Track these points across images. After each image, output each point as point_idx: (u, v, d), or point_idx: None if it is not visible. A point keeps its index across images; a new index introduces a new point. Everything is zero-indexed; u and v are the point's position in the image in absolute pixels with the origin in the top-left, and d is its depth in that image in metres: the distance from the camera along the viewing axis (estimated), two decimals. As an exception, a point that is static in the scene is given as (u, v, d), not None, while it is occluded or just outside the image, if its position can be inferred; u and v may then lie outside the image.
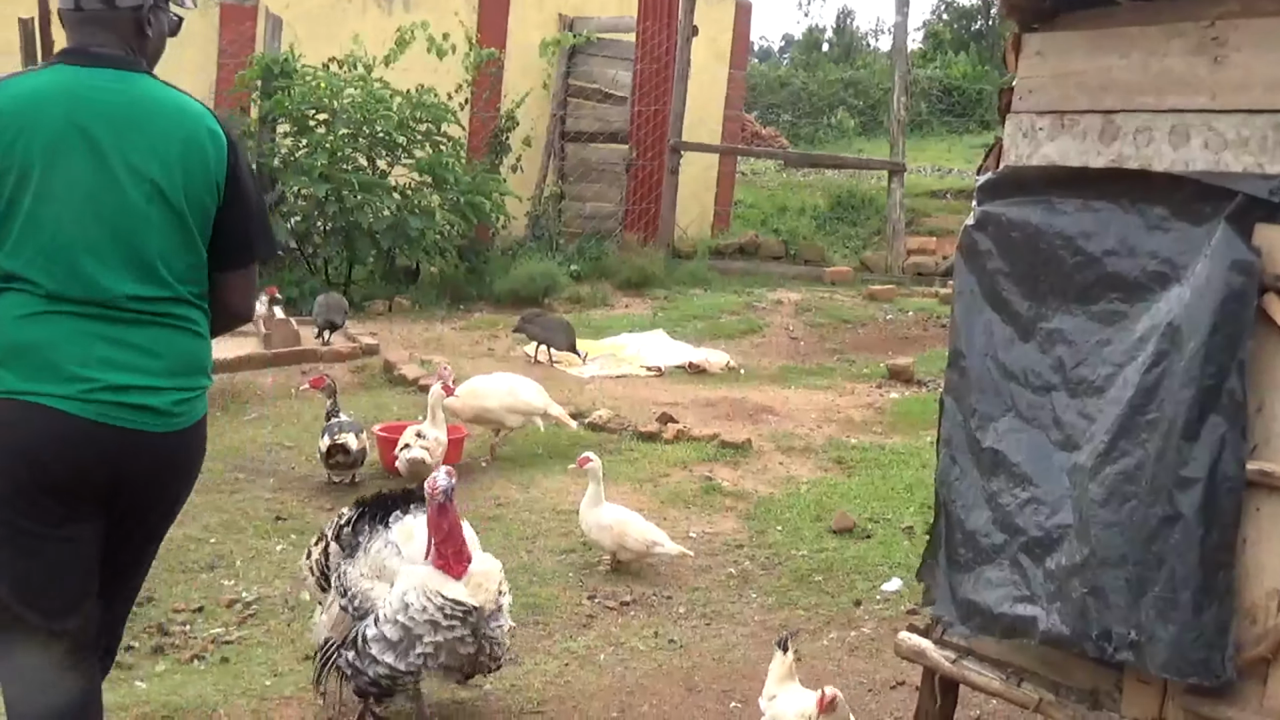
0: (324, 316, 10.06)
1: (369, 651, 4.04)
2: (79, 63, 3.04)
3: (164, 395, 3.03)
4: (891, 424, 8.80)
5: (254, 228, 3.23)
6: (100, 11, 3.07)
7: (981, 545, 3.42)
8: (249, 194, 3.19)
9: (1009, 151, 3.59)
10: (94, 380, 2.92)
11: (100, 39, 3.08)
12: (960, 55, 33.76)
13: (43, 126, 2.93)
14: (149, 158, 3.00)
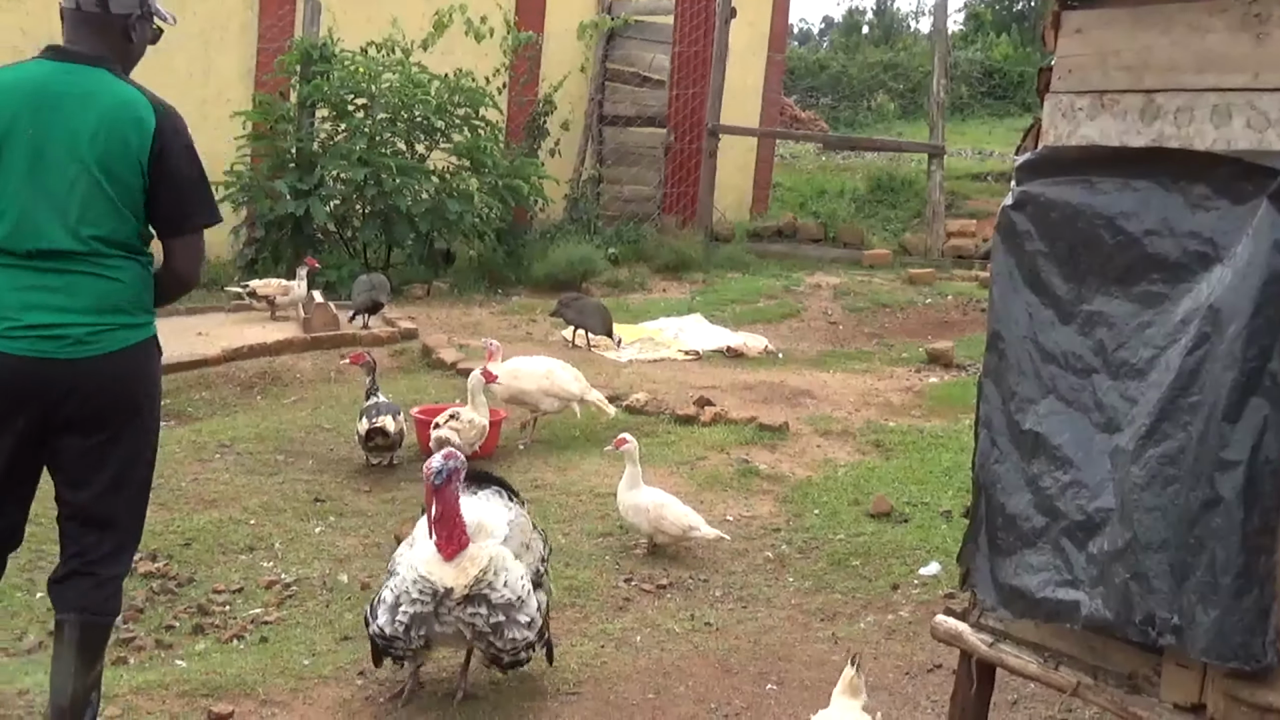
0: (368, 295, 10.11)
1: (375, 607, 4.28)
2: (53, 58, 3.69)
3: (79, 328, 3.60)
4: (930, 408, 8.76)
5: (186, 200, 3.74)
6: (96, 14, 3.66)
7: (1022, 529, 3.39)
8: (177, 171, 3.69)
9: (1048, 132, 3.55)
10: (17, 320, 3.56)
11: (85, 38, 3.68)
12: (1002, 37, 33.52)
13: (6, 111, 3.58)
14: (79, 140, 3.58)
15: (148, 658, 4.83)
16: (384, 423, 6.97)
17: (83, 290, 3.62)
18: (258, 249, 12.18)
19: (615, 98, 16.45)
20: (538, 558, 4.54)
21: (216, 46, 13.49)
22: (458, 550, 4.16)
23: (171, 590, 5.41)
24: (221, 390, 8.81)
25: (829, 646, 5.09)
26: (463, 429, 6.95)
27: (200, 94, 13.28)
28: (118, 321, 3.68)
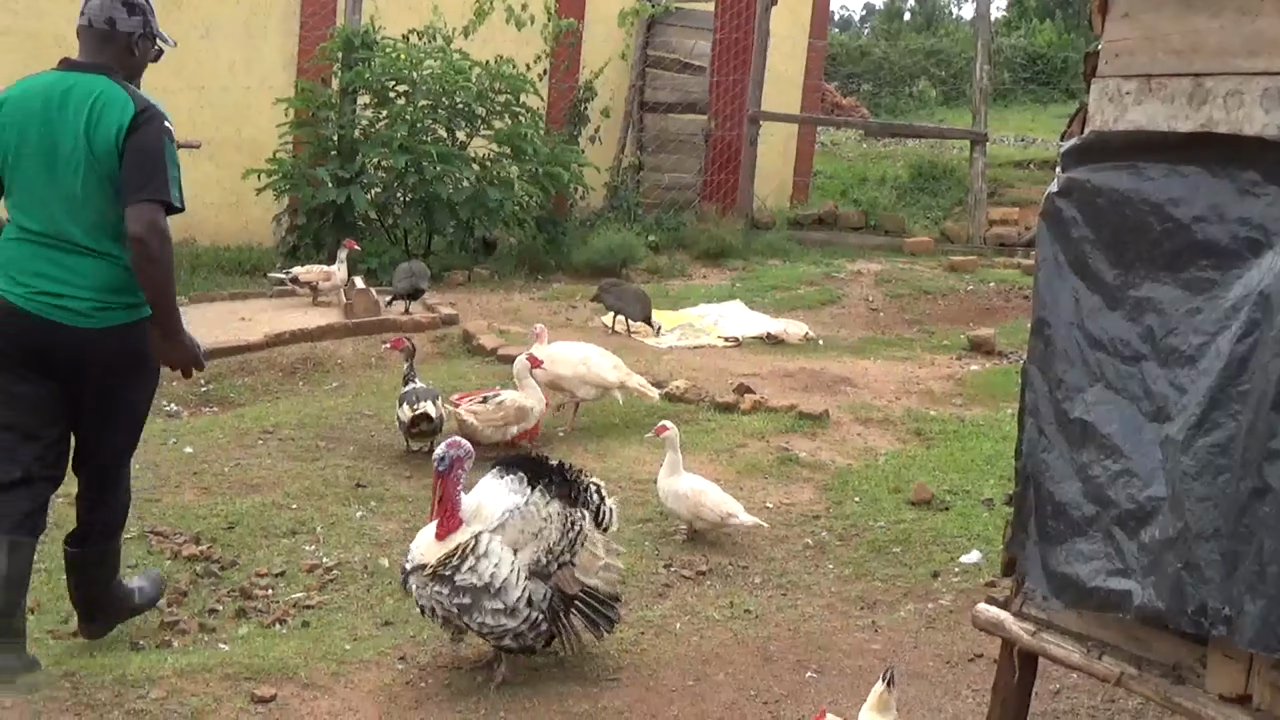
0: (409, 282, 10.14)
1: None
2: (65, 68, 4.35)
3: (83, 303, 4.23)
4: (972, 396, 8.70)
5: (140, 172, 4.19)
6: (105, 30, 4.35)
7: (1072, 517, 3.36)
8: (139, 147, 4.19)
9: (1094, 116, 3.51)
10: (34, 286, 4.22)
11: (94, 51, 4.36)
12: (1045, 23, 33.22)
13: (24, 112, 4.25)
14: (80, 136, 4.20)
15: (191, 641, 4.87)
16: (426, 408, 7.00)
17: (87, 271, 4.25)
18: (299, 236, 12.24)
19: (656, 84, 16.43)
20: (545, 549, 4.46)
21: (259, 34, 13.56)
22: (448, 532, 4.37)
23: (215, 574, 5.46)
24: (263, 376, 8.87)
25: (869, 635, 5.07)
26: (482, 412, 7.01)
27: (244, 81, 13.38)
28: (119, 300, 4.30)
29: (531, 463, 4.77)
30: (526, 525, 4.46)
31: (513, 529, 4.43)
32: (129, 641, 4.83)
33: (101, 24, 4.36)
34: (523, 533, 4.44)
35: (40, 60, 12.31)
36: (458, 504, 4.41)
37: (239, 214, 13.24)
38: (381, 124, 12.41)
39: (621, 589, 4.93)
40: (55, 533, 5.70)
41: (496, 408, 7.06)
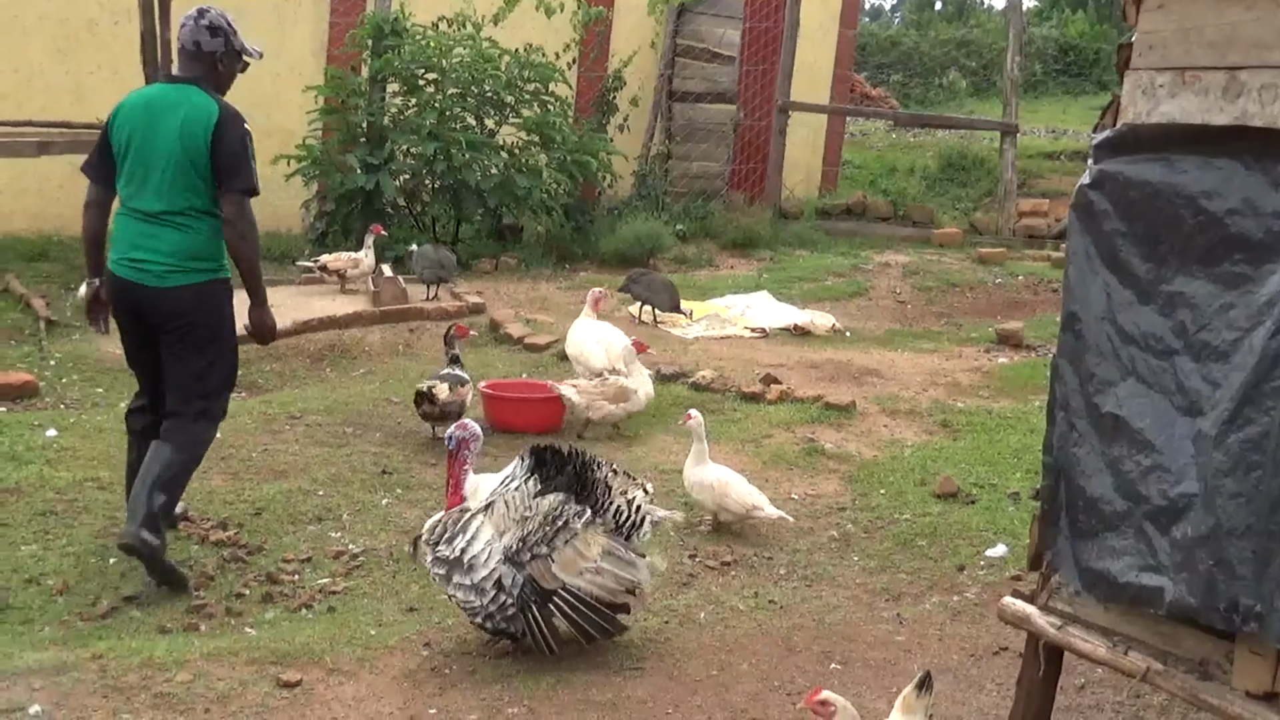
0: (433, 271, 10.17)
1: None
2: (165, 80, 5.69)
3: (158, 266, 5.21)
4: (999, 388, 8.66)
5: (228, 168, 5.18)
6: (194, 51, 5.31)
7: (1104, 512, 3.34)
8: (225, 148, 5.16)
9: (1127, 109, 3.48)
10: (126, 254, 5.24)
11: (187, 67, 5.35)
12: (1078, 14, 33.00)
13: (134, 115, 5.25)
14: (171, 135, 5.16)
15: (218, 625, 4.90)
16: (434, 387, 6.96)
17: (165, 240, 5.20)
18: (328, 222, 12.27)
19: (685, 73, 16.37)
20: (520, 536, 4.48)
21: (290, 21, 13.58)
22: (450, 508, 4.71)
23: (242, 559, 5.48)
24: (291, 362, 8.90)
25: (893, 627, 5.06)
26: (584, 388, 7.30)
27: (273, 68, 13.33)
28: (190, 265, 5.23)
29: (544, 451, 4.69)
30: (510, 511, 4.52)
31: (498, 512, 4.53)
32: (156, 625, 4.86)
33: (190, 46, 5.30)
34: (505, 517, 4.52)
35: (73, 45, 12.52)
36: (462, 483, 4.76)
37: (268, 200, 13.17)
38: (411, 111, 12.42)
39: (633, 600, 4.70)
40: (84, 517, 5.76)
41: (599, 383, 7.23)
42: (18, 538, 5.54)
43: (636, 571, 4.59)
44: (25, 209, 12.33)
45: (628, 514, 4.63)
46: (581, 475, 4.62)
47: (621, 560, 4.57)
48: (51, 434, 6.83)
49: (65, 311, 9.55)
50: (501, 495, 4.56)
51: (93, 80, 12.31)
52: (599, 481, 4.64)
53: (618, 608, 4.62)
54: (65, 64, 12.25)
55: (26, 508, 5.84)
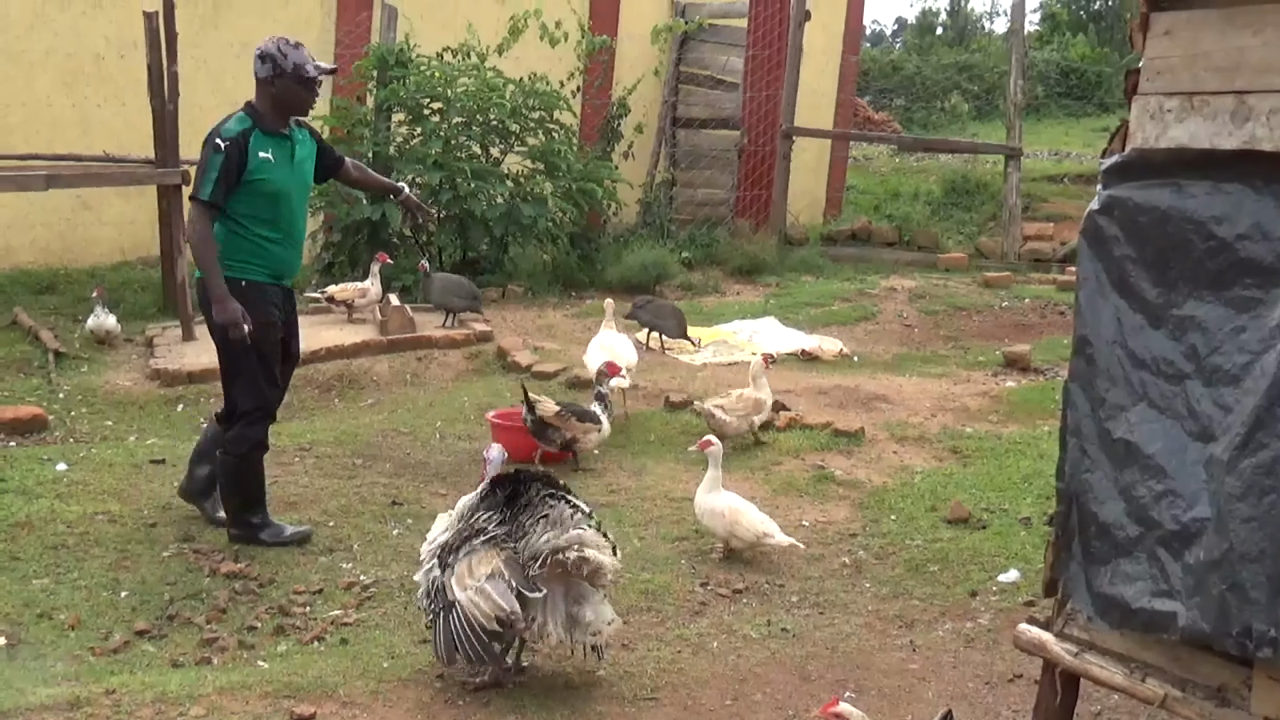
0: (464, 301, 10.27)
1: None
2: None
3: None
4: (1008, 413, 8.65)
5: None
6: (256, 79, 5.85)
7: (1116, 538, 3.34)
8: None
9: (1135, 134, 3.49)
10: None
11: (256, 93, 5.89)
12: (1078, 36, 33.10)
13: None
14: None
15: (231, 658, 4.89)
16: (540, 402, 7.21)
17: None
18: (334, 253, 12.30)
19: (689, 100, 16.44)
20: (437, 544, 4.68)
21: (295, 52, 13.61)
22: None
23: (253, 591, 5.48)
24: (300, 393, 8.90)
25: (907, 654, 5.05)
26: (727, 404, 7.53)
27: (279, 99, 13.43)
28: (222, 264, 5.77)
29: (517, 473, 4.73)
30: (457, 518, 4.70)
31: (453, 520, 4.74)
32: (169, 659, 4.86)
33: (254, 73, 5.85)
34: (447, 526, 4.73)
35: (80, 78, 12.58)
36: None
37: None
38: (416, 141, 12.46)
39: (508, 635, 4.48)
40: (95, 550, 5.76)
41: (737, 400, 7.55)
42: (29, 572, 5.55)
43: (511, 603, 4.36)
44: (33, 242, 12.38)
45: (550, 547, 4.45)
46: (513, 499, 4.61)
47: (504, 587, 4.38)
48: (61, 468, 6.83)
49: (74, 344, 9.57)
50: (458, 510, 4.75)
51: (100, 113, 12.37)
52: (532, 510, 4.56)
53: (492, 634, 4.41)
54: (72, 97, 12.32)
55: (37, 542, 5.84)
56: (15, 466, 6.81)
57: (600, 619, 4.50)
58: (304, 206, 6.18)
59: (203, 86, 11.75)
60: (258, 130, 5.77)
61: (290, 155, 5.90)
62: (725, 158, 16.13)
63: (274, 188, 5.81)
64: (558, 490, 4.63)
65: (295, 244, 6.06)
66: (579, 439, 7.19)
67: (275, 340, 5.96)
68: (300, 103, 5.89)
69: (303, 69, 5.81)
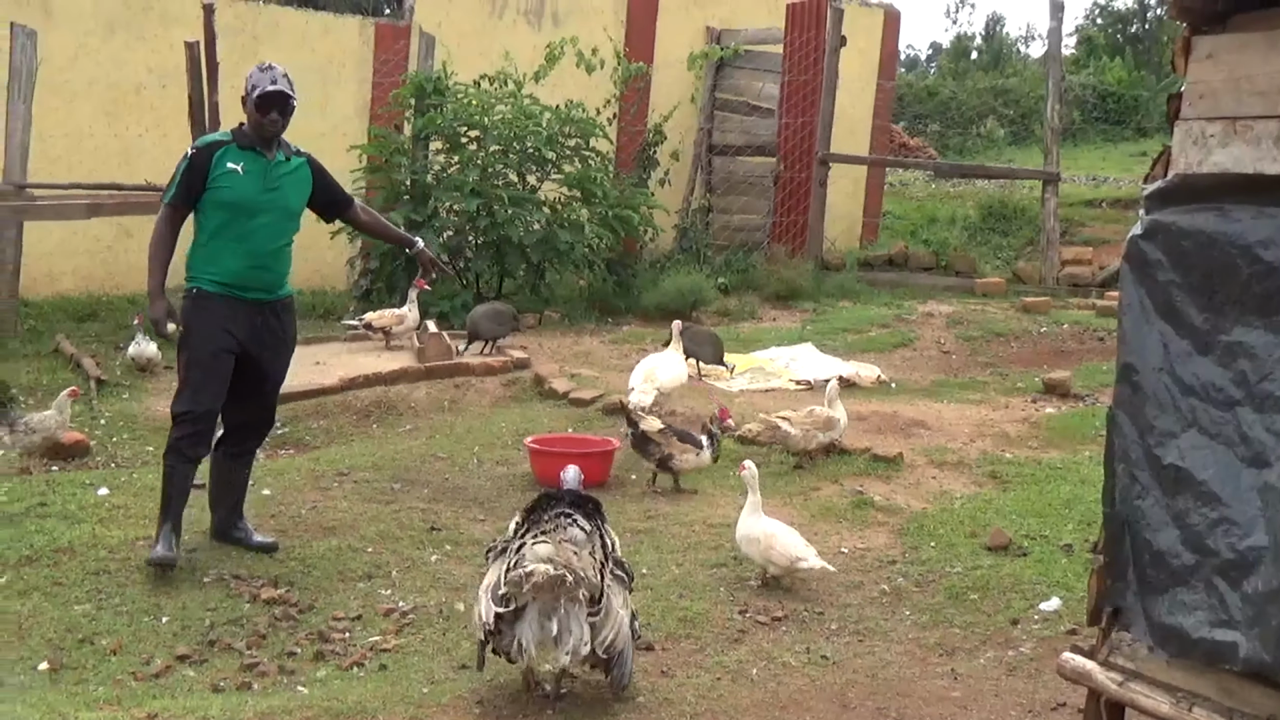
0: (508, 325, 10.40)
1: None
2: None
3: None
4: (1048, 439, 8.59)
5: None
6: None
7: (1172, 566, 3.30)
8: None
9: (1178, 159, 3.47)
10: None
11: None
12: (1115, 60, 32.98)
13: None
14: None
15: (271, 684, 4.90)
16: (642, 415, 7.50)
17: None
18: (372, 280, 12.38)
19: (724, 127, 16.50)
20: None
21: (334, 81, 13.78)
22: None
23: (293, 617, 5.49)
24: (338, 419, 8.95)
25: (948, 682, 5.00)
26: (795, 418, 7.69)
27: (318, 128, 13.54)
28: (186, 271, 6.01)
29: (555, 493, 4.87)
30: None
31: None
32: (210, 684, 4.87)
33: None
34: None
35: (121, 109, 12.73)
36: None
37: (313, 258, 13.40)
38: (453, 169, 12.54)
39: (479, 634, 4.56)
40: (137, 575, 5.80)
41: (808, 415, 7.68)
42: (71, 597, 5.58)
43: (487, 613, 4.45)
44: (75, 270, 12.52)
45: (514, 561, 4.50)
46: (529, 516, 4.70)
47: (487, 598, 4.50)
48: (103, 492, 6.88)
49: (115, 371, 9.65)
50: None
51: (141, 143, 12.52)
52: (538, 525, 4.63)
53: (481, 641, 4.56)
54: (114, 127, 12.46)
55: (79, 567, 5.88)
56: (58, 491, 6.87)
57: (575, 636, 4.41)
58: (279, 227, 6.08)
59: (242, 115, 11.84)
60: (234, 145, 5.94)
61: (264, 173, 5.98)
62: (761, 184, 16.16)
63: (232, 197, 5.88)
64: (575, 511, 4.67)
65: (256, 259, 6.00)
66: (675, 457, 7.30)
67: (213, 352, 5.91)
68: (255, 123, 5.96)
69: (255, 90, 5.92)
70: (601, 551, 4.61)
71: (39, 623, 5.32)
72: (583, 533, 4.59)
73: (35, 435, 7.76)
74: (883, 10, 18.32)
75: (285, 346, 6.29)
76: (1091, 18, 39.94)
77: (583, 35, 13.71)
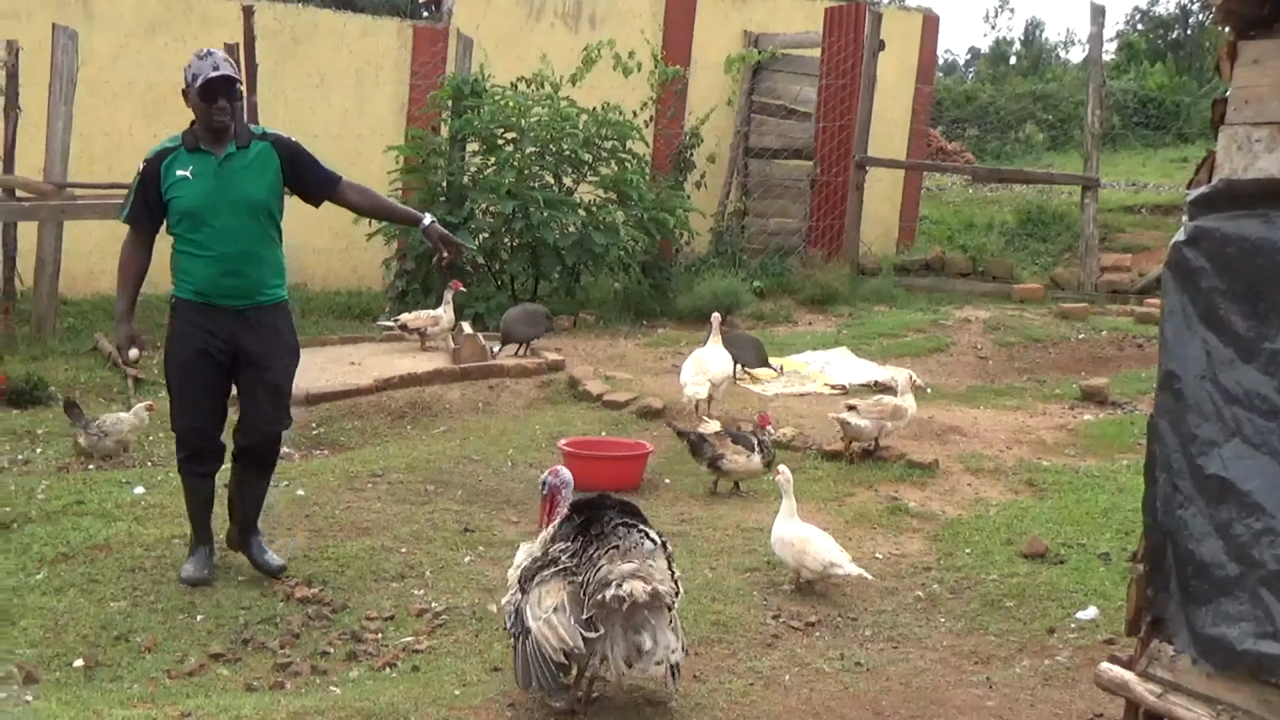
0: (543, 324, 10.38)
1: None
2: None
3: None
4: (1085, 446, 8.52)
5: None
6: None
7: (1215, 577, 3.26)
8: None
9: (1223, 165, 3.43)
10: None
11: None
12: (1157, 66, 32.72)
13: None
14: None
15: (304, 683, 4.91)
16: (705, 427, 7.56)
17: None
18: (408, 281, 12.41)
19: (761, 130, 16.46)
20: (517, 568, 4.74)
21: (371, 83, 13.83)
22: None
23: (326, 617, 5.50)
24: (373, 420, 8.97)
25: (983, 691, 4.96)
26: (865, 407, 7.83)
27: (355, 129, 13.65)
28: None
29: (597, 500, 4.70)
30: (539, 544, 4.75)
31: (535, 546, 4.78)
32: (244, 683, 4.89)
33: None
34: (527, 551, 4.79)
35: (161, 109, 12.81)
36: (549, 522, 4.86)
37: (349, 259, 13.49)
38: (490, 170, 12.56)
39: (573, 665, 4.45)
40: (172, 573, 5.82)
41: (875, 404, 7.86)
42: (107, 594, 5.61)
43: (574, 637, 4.35)
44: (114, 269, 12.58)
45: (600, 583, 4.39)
46: (586, 529, 4.58)
47: (565, 620, 4.39)
48: (139, 491, 6.92)
49: (153, 370, 9.70)
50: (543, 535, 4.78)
51: (180, 143, 12.57)
52: (603, 541, 4.52)
53: (559, 665, 4.41)
54: (153, 127, 12.48)
55: (115, 564, 5.91)
56: (94, 490, 6.91)
57: (663, 646, 4.41)
58: (243, 227, 5.64)
59: (281, 116, 11.91)
60: (182, 149, 5.62)
61: (214, 172, 5.59)
62: (798, 187, 16.11)
63: (186, 206, 5.58)
64: (632, 518, 4.61)
65: (225, 265, 5.63)
66: (725, 457, 7.29)
67: (194, 364, 5.70)
68: (203, 115, 5.57)
69: (196, 79, 5.51)
70: (666, 558, 4.58)
71: (75, 620, 5.35)
72: (652, 543, 4.53)
73: (108, 439, 7.84)
74: (921, 14, 18.24)
75: (277, 346, 5.85)
76: (1132, 23, 39.69)
77: (620, 38, 13.70)
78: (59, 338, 10.87)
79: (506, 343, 10.24)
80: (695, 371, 8.50)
